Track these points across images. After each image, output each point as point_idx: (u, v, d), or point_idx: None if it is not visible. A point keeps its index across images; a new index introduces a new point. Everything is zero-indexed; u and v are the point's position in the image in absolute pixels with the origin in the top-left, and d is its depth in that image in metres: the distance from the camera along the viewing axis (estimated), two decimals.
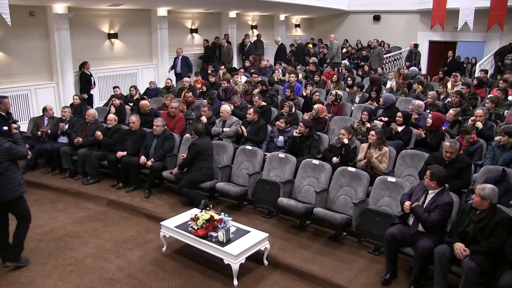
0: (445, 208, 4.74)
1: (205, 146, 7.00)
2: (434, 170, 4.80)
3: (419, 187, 5.05)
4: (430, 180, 4.80)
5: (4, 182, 5.05)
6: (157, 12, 13.52)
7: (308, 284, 5.09)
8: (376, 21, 19.54)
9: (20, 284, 5.06)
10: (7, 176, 5.07)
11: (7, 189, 5.08)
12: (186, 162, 6.96)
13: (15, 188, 5.14)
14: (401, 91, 10.10)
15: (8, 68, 10.44)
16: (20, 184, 5.22)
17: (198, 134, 7.05)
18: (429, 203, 4.81)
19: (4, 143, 5.12)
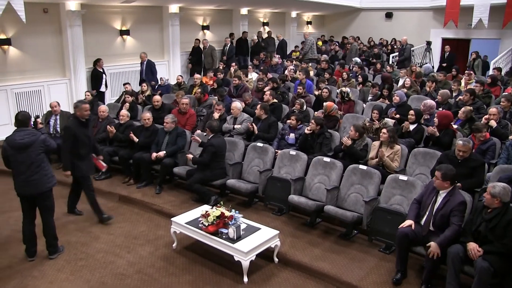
0: (462, 208, 4.69)
1: (222, 146, 6.97)
2: (445, 170, 4.74)
3: (428, 189, 4.98)
4: (442, 181, 4.72)
5: (41, 174, 5.21)
6: (169, 9, 13.54)
7: (318, 282, 5.08)
8: (388, 18, 19.42)
9: (32, 277, 5.12)
10: (42, 168, 5.23)
11: (43, 181, 5.24)
12: (203, 163, 6.87)
13: (50, 179, 5.32)
14: (413, 89, 10.02)
15: (22, 65, 10.53)
16: (53, 176, 5.41)
17: (213, 131, 7.00)
18: (441, 203, 4.76)
19: (40, 135, 5.26)
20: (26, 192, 5.25)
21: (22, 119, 5.30)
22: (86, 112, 6.15)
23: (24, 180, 5.17)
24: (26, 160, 5.13)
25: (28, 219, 5.42)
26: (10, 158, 5.19)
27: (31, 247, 5.49)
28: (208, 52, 14.12)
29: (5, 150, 5.21)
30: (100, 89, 11.59)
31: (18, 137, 5.13)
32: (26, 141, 5.12)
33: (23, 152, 5.12)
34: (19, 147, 5.11)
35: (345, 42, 18.56)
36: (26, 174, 5.15)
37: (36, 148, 5.16)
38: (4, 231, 6.27)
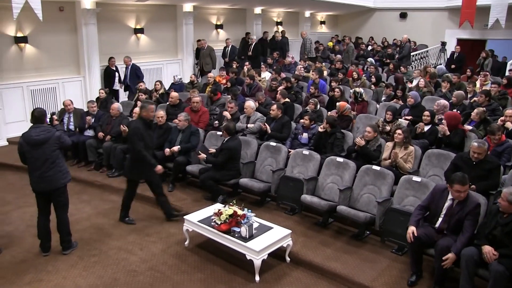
0: (477, 212, 4.63)
1: (238, 149, 6.97)
2: (460, 178, 4.57)
3: (437, 194, 4.89)
4: (463, 186, 4.56)
5: (56, 170, 5.27)
6: (183, 8, 13.58)
7: (330, 282, 5.06)
8: (402, 18, 19.29)
9: (46, 272, 5.18)
10: (57, 164, 5.29)
11: (57, 177, 5.29)
12: (217, 164, 6.86)
13: (64, 176, 5.38)
14: (427, 90, 9.95)
15: (38, 62, 10.65)
16: (67, 172, 5.48)
17: (230, 134, 6.94)
18: (457, 208, 4.67)
19: (55, 132, 5.33)
20: (41, 188, 5.30)
21: (38, 115, 5.34)
22: (152, 113, 6.18)
23: (39, 176, 5.22)
24: (41, 156, 5.18)
25: (43, 215, 5.48)
26: (26, 154, 5.25)
27: (46, 242, 5.54)
28: (206, 53, 13.57)
29: (21, 146, 5.27)
30: (113, 87, 11.67)
31: (34, 133, 5.19)
32: (42, 137, 5.17)
33: (38, 148, 5.17)
34: (35, 143, 5.16)
35: (359, 42, 18.48)
36: (41, 170, 5.20)
37: (51, 145, 5.21)
38: (20, 226, 6.35)
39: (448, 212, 4.75)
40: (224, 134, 7.03)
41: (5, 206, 7.02)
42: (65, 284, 4.96)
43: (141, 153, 6.02)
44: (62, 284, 4.97)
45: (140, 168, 6.15)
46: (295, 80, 10.57)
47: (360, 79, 11.11)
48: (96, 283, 4.99)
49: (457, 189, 4.57)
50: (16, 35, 10.16)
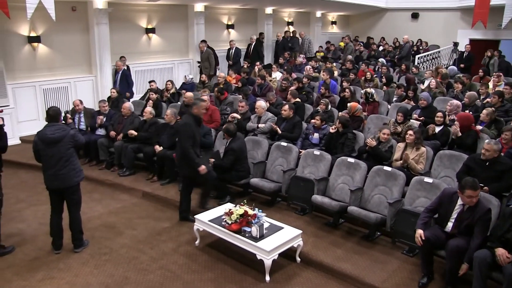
0: (488, 217, 4.58)
1: (242, 149, 6.94)
2: (471, 183, 4.49)
3: (445, 199, 4.83)
4: (474, 191, 4.48)
5: (69, 168, 5.32)
6: (194, 8, 13.64)
7: (340, 282, 5.05)
8: (414, 18, 19.18)
9: (58, 270, 5.23)
10: (71, 162, 5.34)
11: (71, 175, 5.34)
12: (225, 167, 6.83)
13: (77, 174, 5.43)
14: (439, 91, 9.88)
15: (51, 62, 10.74)
16: (81, 170, 5.53)
17: (231, 135, 6.93)
18: (468, 213, 4.62)
19: (70, 130, 5.38)
20: (55, 186, 5.35)
21: (53, 114, 5.39)
22: (203, 110, 6.24)
23: (53, 174, 5.27)
24: (56, 154, 5.23)
25: (56, 213, 5.53)
26: (41, 152, 5.28)
27: (58, 240, 5.59)
28: (204, 56, 13.23)
29: (36, 144, 5.31)
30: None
31: (49, 132, 5.24)
32: (57, 135, 5.22)
33: (53, 147, 5.22)
34: (50, 141, 5.21)
35: (370, 42, 18.41)
36: (55, 168, 5.24)
37: (66, 143, 5.26)
38: (32, 224, 6.41)
39: (458, 217, 4.70)
40: (226, 137, 7.02)
41: (18, 204, 7.09)
42: (76, 282, 4.99)
43: (188, 151, 6.07)
44: (74, 281, 5.00)
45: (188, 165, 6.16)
46: (307, 80, 10.55)
47: (373, 80, 11.06)
48: (107, 281, 5.02)
49: (469, 195, 4.50)
50: (30, 34, 10.26)
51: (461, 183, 4.65)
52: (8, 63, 9.92)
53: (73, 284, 4.96)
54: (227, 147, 6.94)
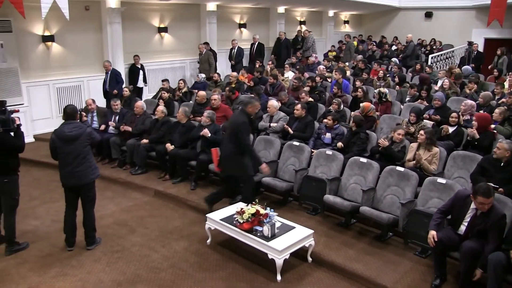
0: (502, 223, 4.51)
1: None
2: (484, 190, 4.39)
3: (458, 201, 4.77)
4: (487, 198, 4.39)
5: (86, 165, 5.39)
6: (207, 7, 13.66)
7: (352, 283, 5.02)
8: (428, 18, 19.04)
9: (71, 266, 5.27)
10: (88, 160, 5.42)
11: (87, 172, 5.41)
12: None
13: (93, 171, 5.50)
14: (452, 91, 9.79)
15: (64, 60, 10.84)
16: (96, 168, 5.61)
17: None
18: (480, 219, 4.56)
19: (87, 128, 5.45)
20: (71, 183, 5.41)
21: (71, 112, 5.44)
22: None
23: (69, 171, 5.33)
24: (73, 152, 5.29)
25: (70, 210, 5.58)
26: (58, 149, 5.33)
27: (71, 237, 5.64)
28: (204, 58, 12.98)
29: (53, 141, 5.35)
30: (137, 84, 11.79)
31: (67, 130, 5.30)
32: (75, 133, 5.28)
33: (71, 144, 5.28)
34: (68, 139, 5.27)
35: (383, 41, 18.31)
36: (72, 166, 5.30)
37: (83, 140, 5.33)
38: (46, 221, 6.47)
39: (471, 221, 4.64)
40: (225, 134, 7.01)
41: (31, 201, 7.15)
42: (89, 279, 5.03)
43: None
44: (86, 278, 5.04)
45: (238, 164, 6.10)
46: (319, 80, 10.52)
47: (385, 79, 10.99)
48: (119, 278, 5.05)
49: (481, 201, 4.43)
50: (44, 34, 10.36)
51: (474, 187, 4.59)
52: (23, 62, 10.01)
53: (85, 281, 4.99)
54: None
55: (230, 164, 6.17)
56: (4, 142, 5.21)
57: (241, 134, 5.99)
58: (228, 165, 6.23)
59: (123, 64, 11.63)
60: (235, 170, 6.13)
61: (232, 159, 6.10)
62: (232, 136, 6.08)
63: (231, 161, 6.13)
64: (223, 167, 6.37)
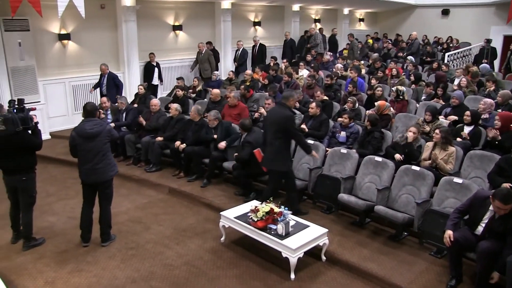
0: None
1: (259, 141, 6.90)
2: (503, 196, 4.30)
3: (477, 202, 4.70)
4: (504, 204, 4.31)
5: (106, 162, 5.45)
6: (221, 5, 13.67)
7: (366, 282, 5.00)
8: (444, 15, 18.82)
9: (86, 262, 5.32)
10: (107, 157, 5.48)
11: (107, 169, 5.47)
12: (244, 159, 6.86)
13: (112, 168, 5.56)
14: (469, 89, 9.67)
15: (80, 58, 10.94)
16: (115, 164, 5.67)
17: (246, 130, 7.01)
18: (497, 223, 4.48)
19: (107, 126, 5.50)
20: (91, 180, 5.47)
21: (91, 109, 5.48)
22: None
23: (90, 168, 5.38)
24: (94, 149, 5.34)
25: (88, 206, 5.64)
26: (78, 147, 5.38)
27: (87, 233, 5.70)
28: (204, 57, 12.62)
29: (73, 139, 5.39)
30: (152, 82, 11.86)
31: (88, 127, 5.34)
32: (95, 130, 5.33)
33: (91, 141, 5.33)
34: (89, 136, 5.32)
35: (398, 39, 18.15)
36: (92, 163, 5.36)
37: (103, 138, 5.39)
38: (62, 218, 6.54)
39: (489, 223, 4.57)
40: (242, 131, 7.11)
41: (48, 197, 7.23)
42: (103, 275, 5.07)
43: (300, 138, 6.18)
44: (101, 274, 5.08)
45: (285, 159, 6.13)
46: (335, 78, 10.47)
47: (398, 76, 10.89)
48: (133, 275, 5.08)
49: (498, 206, 4.36)
50: (60, 32, 10.47)
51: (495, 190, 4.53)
52: (39, 60, 10.13)
53: (100, 277, 5.04)
54: (243, 140, 7.00)
55: (278, 160, 6.06)
56: (24, 140, 5.27)
57: (293, 128, 6.05)
58: (276, 161, 6.09)
59: (138, 62, 11.70)
60: (282, 165, 6.10)
61: (281, 155, 6.05)
62: (279, 132, 6.00)
63: (279, 157, 6.05)
64: (270, 164, 6.18)
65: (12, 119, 5.12)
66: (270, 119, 6.19)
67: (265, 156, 6.21)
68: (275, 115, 6.12)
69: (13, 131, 5.14)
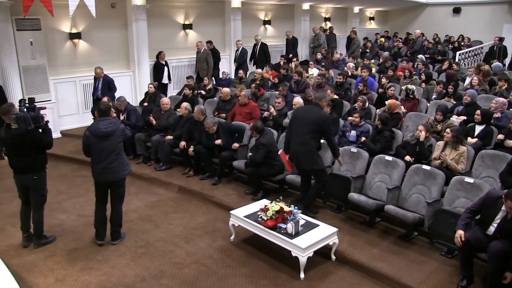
0: None
1: (272, 143, 6.96)
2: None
3: (489, 202, 4.64)
4: None
5: (119, 161, 5.44)
6: (231, 3, 13.69)
7: (376, 282, 4.97)
8: (456, 13, 18.67)
9: (96, 261, 5.35)
10: (121, 156, 5.47)
11: (120, 168, 5.46)
12: (257, 161, 6.81)
13: (125, 167, 5.55)
14: (481, 88, 9.58)
15: (90, 57, 10.98)
16: (128, 164, 5.66)
17: (259, 132, 6.95)
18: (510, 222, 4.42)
19: (120, 125, 5.49)
20: (105, 179, 5.45)
21: (104, 109, 5.49)
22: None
23: (104, 167, 5.37)
24: (108, 148, 5.33)
25: (101, 205, 5.63)
26: (92, 146, 5.36)
27: (102, 231, 5.69)
28: (203, 57, 12.31)
29: (87, 138, 5.37)
30: (161, 81, 11.88)
31: (102, 126, 5.33)
32: (110, 129, 5.32)
33: (105, 140, 5.32)
34: (103, 135, 5.31)
35: (409, 38, 18.04)
36: (106, 162, 5.35)
37: (117, 137, 5.38)
38: (72, 215, 6.58)
39: (501, 223, 4.51)
40: (254, 134, 7.02)
41: (58, 195, 7.27)
42: (113, 273, 5.09)
43: (334, 142, 6.19)
44: (111, 273, 5.10)
45: (318, 158, 6.13)
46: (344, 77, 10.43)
47: (411, 77, 10.83)
48: (143, 273, 5.09)
49: (511, 206, 4.31)
50: (71, 31, 10.53)
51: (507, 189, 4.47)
52: (51, 59, 10.19)
53: (110, 275, 5.05)
54: (257, 142, 6.95)
55: (309, 159, 6.03)
56: (35, 138, 5.27)
57: (329, 129, 6.08)
58: (307, 161, 6.04)
59: (148, 61, 11.74)
60: (315, 164, 6.06)
61: (313, 154, 6.03)
62: (316, 132, 5.99)
63: (311, 157, 6.02)
64: (309, 164, 6.07)
65: (24, 117, 5.09)
66: (304, 119, 6.07)
67: (300, 156, 6.07)
68: (311, 114, 6.04)
69: (25, 130, 5.12)
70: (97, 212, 5.64)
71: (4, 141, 5.34)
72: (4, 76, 9.23)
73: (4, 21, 9.01)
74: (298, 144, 6.05)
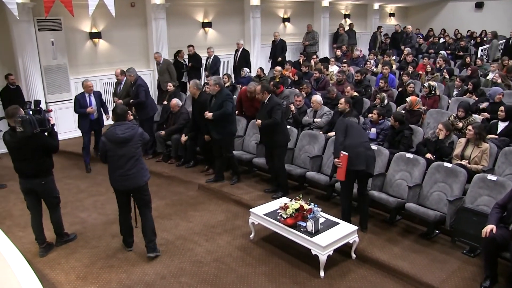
0: None
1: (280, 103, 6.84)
2: None
3: None
4: None
5: (139, 167, 5.14)
6: (250, 1, 13.65)
7: (397, 281, 4.91)
8: (478, 8, 18.34)
9: (117, 259, 5.40)
10: (140, 161, 5.16)
11: (140, 174, 5.15)
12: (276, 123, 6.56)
13: (145, 173, 5.24)
14: (504, 84, 9.40)
15: (110, 56, 11.09)
16: (147, 169, 5.32)
17: (270, 92, 6.81)
18: None
19: (138, 129, 5.19)
20: (124, 187, 5.17)
21: (121, 112, 5.20)
22: None
23: (122, 174, 5.07)
24: (126, 154, 5.03)
25: (124, 213, 5.42)
26: (109, 152, 5.08)
27: (129, 238, 5.55)
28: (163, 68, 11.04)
29: (104, 145, 5.09)
30: (182, 79, 11.91)
31: (119, 131, 5.02)
32: (127, 134, 5.02)
33: (123, 146, 5.02)
34: (121, 141, 5.01)
35: (430, 34, 17.79)
36: (124, 169, 5.05)
37: (135, 142, 5.08)
38: (92, 214, 6.65)
39: None
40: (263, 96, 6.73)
41: (79, 193, 7.36)
42: (133, 271, 5.13)
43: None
44: (131, 270, 5.14)
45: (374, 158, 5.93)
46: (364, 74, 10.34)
47: (433, 73, 10.67)
48: (163, 271, 5.12)
49: None
50: (91, 31, 10.64)
51: None
52: (71, 58, 10.33)
53: (130, 273, 5.10)
54: (268, 105, 6.68)
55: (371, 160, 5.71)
56: (41, 142, 5.12)
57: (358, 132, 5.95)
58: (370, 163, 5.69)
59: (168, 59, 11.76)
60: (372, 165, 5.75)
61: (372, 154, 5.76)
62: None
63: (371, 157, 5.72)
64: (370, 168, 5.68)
65: (29, 120, 4.86)
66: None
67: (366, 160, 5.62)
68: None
69: (31, 133, 4.89)
70: (121, 220, 5.45)
71: (8, 144, 5.12)
72: (26, 76, 9.37)
73: (27, 22, 9.15)
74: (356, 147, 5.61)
